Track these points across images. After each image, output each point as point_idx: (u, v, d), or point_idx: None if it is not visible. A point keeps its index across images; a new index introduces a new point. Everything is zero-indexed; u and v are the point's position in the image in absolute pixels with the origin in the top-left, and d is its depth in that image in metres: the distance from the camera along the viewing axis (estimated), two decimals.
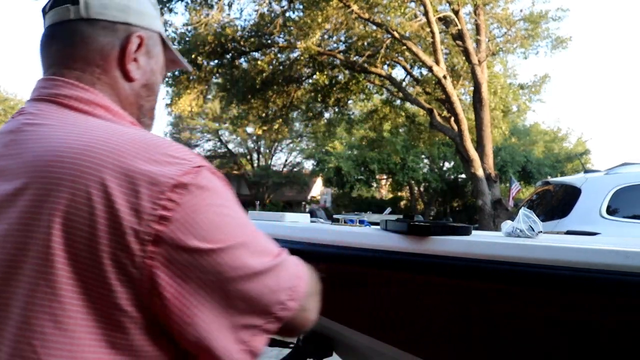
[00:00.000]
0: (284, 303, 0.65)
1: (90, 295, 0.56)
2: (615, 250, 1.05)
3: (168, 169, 0.59)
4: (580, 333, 1.14)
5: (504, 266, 1.12)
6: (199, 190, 0.60)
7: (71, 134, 0.62)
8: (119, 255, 0.55)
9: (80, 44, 0.72)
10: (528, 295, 1.14)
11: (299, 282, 0.69)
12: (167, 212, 0.57)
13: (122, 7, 0.74)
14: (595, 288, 1.05)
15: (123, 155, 0.58)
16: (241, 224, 0.64)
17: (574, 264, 1.06)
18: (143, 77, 0.77)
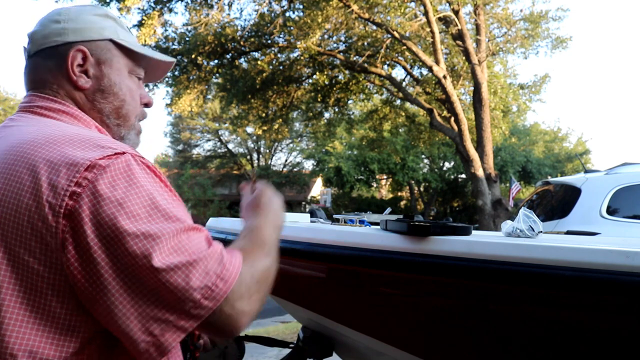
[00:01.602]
0: (197, 302, 0.66)
1: (15, 259, 0.65)
2: (615, 250, 1.05)
3: (90, 153, 0.68)
4: (580, 333, 1.14)
5: (504, 266, 1.12)
6: (116, 172, 0.67)
7: (27, 132, 0.74)
8: (38, 225, 0.64)
9: (35, 72, 0.87)
10: (528, 295, 1.14)
11: (219, 283, 0.67)
12: (79, 189, 0.64)
13: (59, 31, 0.86)
14: (595, 288, 1.05)
15: (56, 144, 0.69)
16: (159, 213, 0.67)
17: (574, 264, 1.06)
18: (96, 84, 0.88)
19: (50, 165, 0.66)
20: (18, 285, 0.64)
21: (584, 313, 1.12)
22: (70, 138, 0.71)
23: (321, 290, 1.50)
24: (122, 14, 10.19)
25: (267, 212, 0.91)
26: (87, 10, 0.90)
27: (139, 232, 0.64)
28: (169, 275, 0.64)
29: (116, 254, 0.64)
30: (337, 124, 15.42)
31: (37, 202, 0.65)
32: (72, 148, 0.68)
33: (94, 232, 0.63)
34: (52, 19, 0.88)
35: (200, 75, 11.89)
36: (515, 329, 1.23)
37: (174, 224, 0.67)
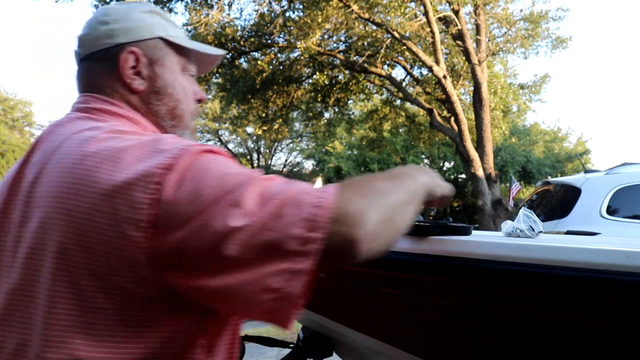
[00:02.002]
0: (304, 237, 0.60)
1: (103, 282, 0.62)
2: (615, 250, 1.05)
3: (156, 159, 0.64)
4: (580, 333, 1.14)
5: (504, 266, 1.12)
6: (182, 170, 0.63)
7: (89, 142, 0.69)
8: (120, 243, 0.61)
9: (87, 77, 0.85)
10: (528, 295, 1.14)
11: (317, 210, 0.61)
12: (155, 196, 0.61)
13: (108, 33, 0.83)
14: (595, 288, 1.05)
15: (121, 156, 0.65)
16: (230, 182, 0.63)
17: (574, 264, 1.06)
18: (150, 85, 0.85)
19: (126, 180, 0.62)
20: (110, 305, 0.63)
21: (584, 313, 1.12)
22: (133, 147, 0.66)
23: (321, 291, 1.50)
24: None
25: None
26: (133, 8, 0.87)
27: (219, 208, 0.60)
28: (265, 227, 0.60)
29: (208, 238, 0.60)
30: (337, 124, 15.42)
31: (119, 222, 0.61)
32: (138, 158, 0.65)
33: (182, 229, 0.60)
34: (100, 20, 0.85)
35: (200, 75, 11.86)
36: (515, 329, 1.23)
37: (246, 182, 0.63)
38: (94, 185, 0.64)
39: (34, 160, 0.75)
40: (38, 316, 0.64)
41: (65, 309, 0.63)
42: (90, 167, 0.65)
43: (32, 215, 0.68)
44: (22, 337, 0.65)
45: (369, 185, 0.70)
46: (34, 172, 0.72)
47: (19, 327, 0.66)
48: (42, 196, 0.68)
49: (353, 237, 0.62)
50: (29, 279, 0.66)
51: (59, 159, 0.69)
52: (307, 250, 0.60)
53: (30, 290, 0.66)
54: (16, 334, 0.66)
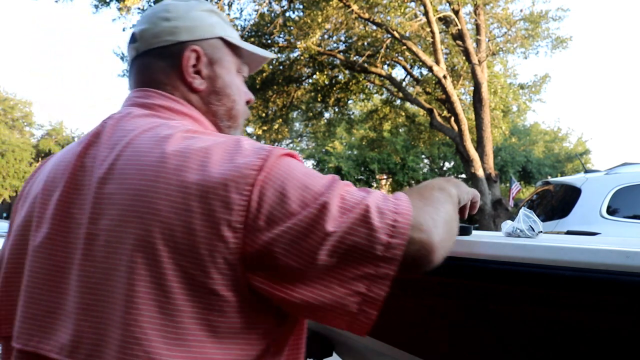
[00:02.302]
0: (386, 243, 0.62)
1: (191, 284, 0.61)
2: (615, 250, 1.05)
3: (246, 160, 0.63)
4: (580, 333, 1.14)
5: (504, 266, 1.12)
6: (270, 171, 0.63)
7: (168, 143, 0.67)
8: (217, 246, 0.60)
9: (147, 72, 0.82)
10: (528, 295, 1.14)
11: (397, 217, 0.64)
12: (248, 198, 0.61)
13: (171, 30, 0.82)
14: (595, 288, 1.05)
15: (209, 156, 0.64)
16: (315, 186, 0.64)
17: (574, 264, 1.06)
18: (210, 85, 0.84)
19: (219, 180, 0.62)
20: (197, 307, 0.61)
21: (584, 313, 1.12)
22: (216, 147, 0.66)
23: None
24: (122, 14, 10.21)
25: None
26: (194, 6, 0.86)
27: (306, 212, 0.61)
28: (350, 232, 0.61)
29: (296, 241, 0.61)
30: (337, 124, 15.43)
31: (213, 222, 0.60)
32: (224, 159, 0.64)
33: (270, 232, 0.61)
34: (161, 16, 0.83)
35: None
36: (515, 329, 1.23)
37: (330, 187, 0.64)
38: (183, 185, 0.62)
39: (95, 153, 0.72)
40: (116, 315, 0.62)
41: (146, 309, 0.61)
42: (175, 167, 0.63)
43: (105, 213, 0.65)
44: (98, 335, 0.63)
45: (428, 194, 0.73)
46: (102, 167, 0.69)
47: (95, 324, 0.63)
48: (117, 193, 0.65)
49: (429, 243, 0.66)
50: (106, 277, 0.64)
51: (133, 156, 0.67)
52: (390, 255, 0.62)
53: (108, 288, 0.63)
54: (93, 332, 0.63)
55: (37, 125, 31.68)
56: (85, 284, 0.65)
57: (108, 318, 0.62)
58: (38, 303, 0.69)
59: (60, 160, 0.76)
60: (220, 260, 0.61)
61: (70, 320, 0.65)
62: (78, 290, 0.65)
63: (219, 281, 0.61)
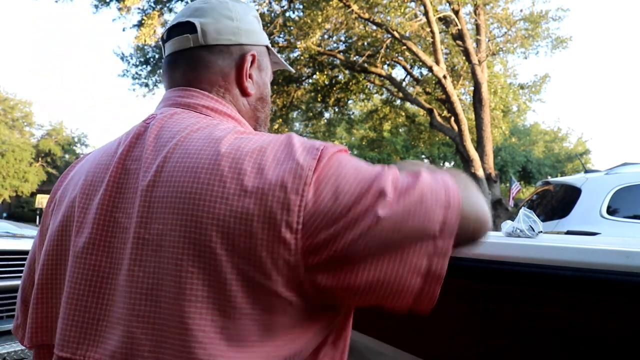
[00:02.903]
0: (441, 220, 0.64)
1: (251, 286, 0.60)
2: (615, 250, 1.05)
3: (302, 160, 0.63)
4: (580, 333, 1.14)
5: (504, 266, 1.12)
6: (324, 169, 0.64)
7: (213, 142, 0.66)
8: (277, 248, 0.60)
9: (202, 68, 0.80)
10: (528, 295, 1.14)
11: (449, 192, 0.66)
12: (305, 198, 0.61)
13: (234, 30, 0.81)
14: (595, 288, 1.05)
15: (265, 157, 0.64)
16: (367, 178, 0.64)
17: (574, 264, 1.06)
18: (258, 91, 0.85)
19: (276, 182, 0.61)
20: (258, 308, 0.61)
21: (584, 313, 1.12)
22: (268, 147, 0.65)
23: None
24: (122, 14, 10.21)
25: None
26: (248, 10, 0.86)
27: (366, 202, 0.62)
28: (407, 215, 0.63)
29: (357, 232, 0.61)
30: (337, 124, 15.45)
31: (273, 224, 0.60)
32: (278, 159, 0.64)
33: (331, 229, 0.61)
34: (225, 14, 0.81)
35: None
36: (515, 329, 1.23)
37: (381, 176, 0.65)
38: (240, 187, 0.61)
39: (140, 155, 0.70)
40: (173, 319, 0.61)
41: (206, 312, 0.60)
42: (230, 169, 0.63)
43: (156, 217, 0.64)
44: (154, 341, 0.62)
45: (458, 177, 0.74)
46: (150, 171, 0.67)
47: (150, 330, 0.62)
48: (168, 197, 0.64)
49: (481, 219, 0.70)
50: (159, 281, 0.62)
51: (184, 158, 0.66)
52: (447, 231, 0.64)
53: (162, 293, 0.62)
54: (148, 337, 0.62)
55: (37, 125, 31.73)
56: (136, 289, 0.63)
57: (164, 323, 0.61)
58: (83, 310, 0.67)
59: (98, 162, 0.74)
60: (281, 262, 0.61)
61: (120, 327, 0.64)
62: (128, 295, 0.64)
63: (280, 282, 0.61)
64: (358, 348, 1.66)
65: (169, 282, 0.62)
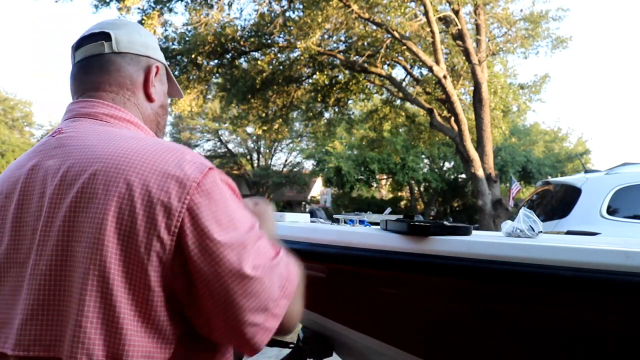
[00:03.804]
0: (277, 300, 0.73)
1: (130, 276, 0.67)
2: (615, 250, 1.05)
3: (189, 170, 0.72)
4: (580, 333, 1.14)
5: (504, 266, 1.12)
6: (208, 188, 0.72)
7: (111, 144, 0.75)
8: (155, 246, 0.68)
9: (114, 71, 0.90)
10: (528, 295, 1.14)
11: (288, 284, 0.76)
12: (186, 206, 0.69)
13: (143, 43, 0.94)
14: (595, 288, 1.05)
15: (152, 161, 0.72)
16: (241, 223, 0.73)
17: (574, 264, 1.06)
18: (159, 99, 0.96)
19: (158, 185, 0.70)
20: (133, 301, 0.68)
21: (584, 313, 1.12)
22: (162, 151, 0.74)
23: (321, 291, 1.50)
24: (122, 14, 10.20)
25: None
26: (151, 34, 0.99)
27: (230, 244, 0.70)
28: (261, 279, 0.71)
29: (215, 264, 0.69)
30: (337, 124, 15.42)
31: (153, 223, 0.68)
32: (170, 164, 0.72)
33: (195, 246, 0.69)
34: (136, 30, 0.94)
35: (200, 75, 11.89)
36: (515, 328, 1.23)
37: (252, 232, 0.74)
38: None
39: (48, 165, 0.78)
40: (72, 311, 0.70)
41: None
42: (124, 166, 0.73)
43: (59, 216, 0.74)
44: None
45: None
46: (57, 176, 0.76)
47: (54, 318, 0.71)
48: (72, 198, 0.74)
49: (296, 320, 0.80)
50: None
51: (84, 161, 0.75)
52: (276, 312, 0.74)
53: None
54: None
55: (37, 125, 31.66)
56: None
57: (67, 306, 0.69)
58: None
59: (10, 176, 0.82)
60: (160, 262, 0.70)
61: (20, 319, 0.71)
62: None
63: (154, 277, 0.69)
64: (358, 348, 1.66)
65: (73, 269, 0.69)
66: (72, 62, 0.93)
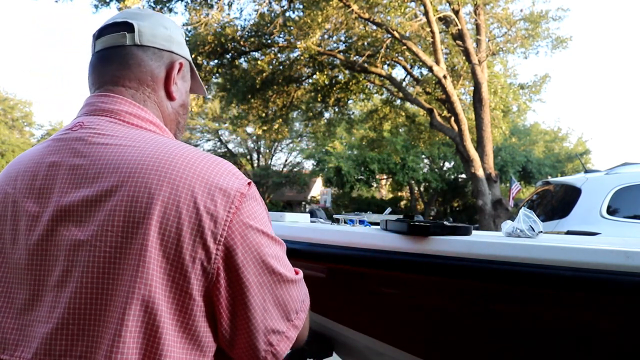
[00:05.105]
0: (298, 313, 0.76)
1: (173, 285, 0.66)
2: (615, 250, 1.05)
3: (233, 181, 0.71)
4: (580, 333, 1.14)
5: (504, 266, 1.12)
6: (251, 201, 0.73)
7: (148, 147, 0.72)
8: (200, 254, 0.66)
9: (135, 66, 0.84)
10: (528, 295, 1.14)
11: (306, 300, 0.81)
12: (232, 217, 0.69)
13: (167, 37, 0.87)
14: (595, 288, 1.05)
15: (200, 169, 0.70)
16: (275, 236, 0.76)
17: (574, 264, 1.06)
18: (180, 98, 0.91)
19: (206, 193, 0.68)
20: (175, 309, 0.66)
21: (584, 313, 1.12)
22: (206, 161, 0.72)
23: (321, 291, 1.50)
24: None
25: None
26: (179, 28, 0.93)
27: (273, 254, 0.73)
28: (292, 287, 0.75)
29: (260, 271, 0.71)
30: (337, 124, 15.42)
31: (199, 231, 0.66)
32: (216, 175, 0.71)
33: (244, 255, 0.69)
34: (161, 22, 0.88)
35: (200, 75, 11.87)
36: (515, 328, 1.23)
37: (282, 245, 0.77)
38: None
39: (73, 163, 0.75)
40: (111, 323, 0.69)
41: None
42: (171, 171, 0.73)
43: (93, 219, 0.73)
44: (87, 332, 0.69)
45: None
46: (88, 176, 0.75)
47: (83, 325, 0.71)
48: (105, 202, 0.72)
49: (305, 333, 0.82)
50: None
51: (116, 166, 0.74)
52: (296, 324, 0.77)
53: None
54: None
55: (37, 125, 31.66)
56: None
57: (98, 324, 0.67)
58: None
59: (25, 170, 0.76)
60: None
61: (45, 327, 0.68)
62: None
63: (195, 287, 0.71)
64: (358, 348, 1.66)
65: (118, 284, 0.66)
66: (92, 51, 0.87)
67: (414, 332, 1.41)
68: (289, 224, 1.63)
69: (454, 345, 1.36)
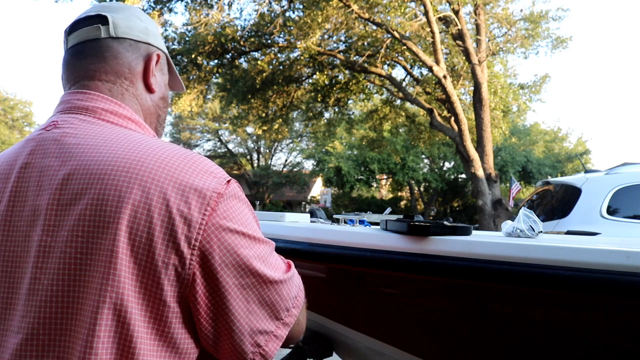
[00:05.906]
0: (289, 310, 0.74)
1: (146, 292, 0.63)
2: (615, 250, 1.05)
3: (209, 181, 0.67)
4: (580, 333, 1.14)
5: (504, 266, 1.12)
6: (229, 201, 0.69)
7: (120, 147, 0.68)
8: (173, 259, 0.63)
9: (111, 58, 0.81)
10: (528, 295, 1.14)
11: (300, 294, 0.78)
12: (207, 220, 0.65)
13: (143, 29, 0.85)
14: (595, 288, 1.05)
15: (172, 169, 0.66)
16: (259, 236, 0.73)
17: (574, 264, 1.06)
18: (160, 90, 0.88)
19: (180, 195, 0.65)
20: (148, 316, 0.63)
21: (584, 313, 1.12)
22: (180, 160, 0.68)
23: (321, 290, 1.50)
24: None
25: None
26: (151, 19, 0.91)
27: (255, 254, 0.70)
28: (280, 286, 0.72)
29: (240, 274, 0.68)
30: (337, 124, 15.43)
31: (172, 236, 0.63)
32: (191, 174, 0.67)
33: (221, 259, 0.66)
34: (135, 14, 0.86)
35: (200, 75, 11.89)
36: (515, 328, 1.23)
37: (269, 243, 0.74)
38: None
39: (44, 165, 0.73)
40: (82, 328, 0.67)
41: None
42: (141, 172, 0.70)
43: (64, 225, 0.71)
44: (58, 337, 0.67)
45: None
46: (56, 178, 0.73)
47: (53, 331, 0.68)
48: (77, 205, 0.70)
49: (303, 329, 0.83)
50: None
51: (90, 167, 0.72)
52: (287, 321, 0.75)
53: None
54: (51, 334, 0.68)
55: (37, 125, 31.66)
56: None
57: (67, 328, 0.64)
58: None
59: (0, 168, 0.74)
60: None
61: (19, 334, 0.64)
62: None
63: (169, 292, 0.68)
64: (358, 348, 1.66)
65: (85, 288, 0.63)
66: (64, 47, 0.84)
67: (414, 332, 1.41)
68: (289, 224, 1.63)
69: (453, 345, 1.36)
